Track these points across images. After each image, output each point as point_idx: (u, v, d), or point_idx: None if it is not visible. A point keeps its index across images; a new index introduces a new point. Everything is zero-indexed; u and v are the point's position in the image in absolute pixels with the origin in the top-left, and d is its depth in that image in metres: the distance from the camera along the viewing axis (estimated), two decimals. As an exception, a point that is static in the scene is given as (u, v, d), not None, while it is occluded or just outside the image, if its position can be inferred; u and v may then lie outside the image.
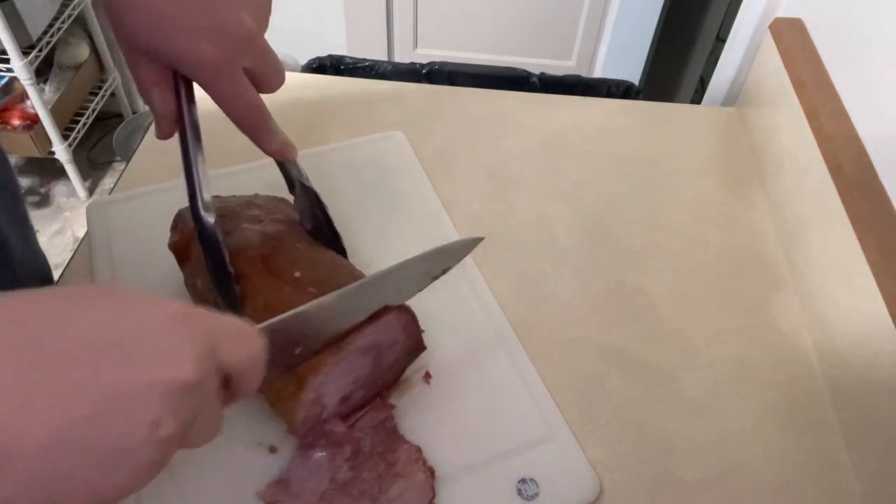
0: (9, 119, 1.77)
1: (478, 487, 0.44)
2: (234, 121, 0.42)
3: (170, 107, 0.42)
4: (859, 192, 0.52)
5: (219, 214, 0.49)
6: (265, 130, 0.44)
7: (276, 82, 0.44)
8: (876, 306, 0.46)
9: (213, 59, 0.39)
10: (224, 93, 0.41)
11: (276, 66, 0.43)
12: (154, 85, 0.41)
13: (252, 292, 0.44)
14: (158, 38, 0.39)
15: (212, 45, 0.39)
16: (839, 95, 0.59)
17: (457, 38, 1.87)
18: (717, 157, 0.71)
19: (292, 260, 0.46)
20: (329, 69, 1.00)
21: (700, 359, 0.54)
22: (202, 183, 0.42)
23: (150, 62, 0.40)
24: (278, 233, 0.48)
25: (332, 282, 0.44)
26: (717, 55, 0.84)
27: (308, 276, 0.44)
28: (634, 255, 0.61)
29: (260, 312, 0.44)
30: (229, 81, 0.40)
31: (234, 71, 0.40)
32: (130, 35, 0.39)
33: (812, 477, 0.47)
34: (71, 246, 1.82)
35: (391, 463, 0.44)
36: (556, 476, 0.45)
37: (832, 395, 0.51)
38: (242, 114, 0.42)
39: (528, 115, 0.75)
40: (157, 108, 0.42)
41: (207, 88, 0.40)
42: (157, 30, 0.38)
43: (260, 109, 0.43)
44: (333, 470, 0.43)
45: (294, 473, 0.43)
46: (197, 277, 0.48)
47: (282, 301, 0.43)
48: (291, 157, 0.47)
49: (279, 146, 0.45)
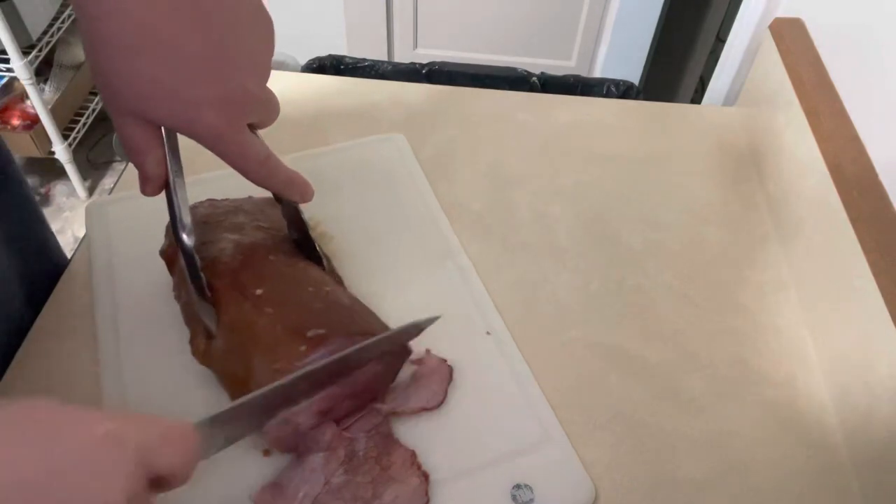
0: (9, 119, 1.78)
1: (472, 492, 0.44)
2: (244, 175, 0.41)
3: (163, 169, 0.40)
4: (859, 192, 0.52)
5: (203, 222, 0.49)
6: (277, 181, 0.43)
7: (272, 121, 0.42)
8: (876, 306, 0.46)
9: (219, 127, 0.38)
10: (230, 153, 0.39)
11: (275, 109, 0.42)
12: (148, 146, 0.39)
13: (221, 308, 0.44)
14: (160, 108, 0.37)
15: (217, 114, 0.37)
16: (839, 95, 0.59)
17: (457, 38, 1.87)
18: (717, 157, 0.71)
19: (258, 275, 0.45)
20: (329, 69, 1.00)
21: (700, 359, 0.54)
22: (182, 208, 0.42)
23: (142, 123, 0.38)
24: (253, 244, 0.47)
25: (295, 300, 0.44)
26: (717, 55, 0.84)
27: (269, 294, 0.44)
28: (634, 254, 0.61)
29: (226, 331, 0.43)
30: (235, 143, 0.39)
31: (240, 133, 0.39)
32: (126, 103, 0.37)
33: (812, 477, 0.47)
34: (71, 246, 1.82)
35: (385, 467, 0.43)
36: (552, 482, 0.45)
37: (832, 394, 0.51)
38: (252, 169, 0.41)
39: (528, 115, 0.75)
40: (150, 172, 0.40)
41: (212, 150, 0.39)
42: (158, 101, 0.36)
43: (268, 161, 0.42)
44: (327, 474, 0.42)
45: (288, 477, 0.43)
46: (181, 289, 0.48)
47: (242, 319, 0.43)
48: (309, 198, 0.45)
49: (295, 192, 0.44)
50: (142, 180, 0.41)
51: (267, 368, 0.41)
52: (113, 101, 0.37)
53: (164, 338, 0.51)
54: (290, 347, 0.41)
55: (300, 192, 0.45)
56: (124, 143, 0.39)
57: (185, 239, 0.42)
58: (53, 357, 0.51)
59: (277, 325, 0.42)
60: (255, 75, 0.39)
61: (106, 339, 0.51)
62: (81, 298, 0.55)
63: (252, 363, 0.42)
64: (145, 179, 0.40)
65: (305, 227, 0.49)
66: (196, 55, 0.36)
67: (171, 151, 0.40)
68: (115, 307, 0.53)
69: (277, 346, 0.41)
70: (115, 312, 0.53)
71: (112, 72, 0.36)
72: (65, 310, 0.54)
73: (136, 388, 0.48)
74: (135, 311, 0.53)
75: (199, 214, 0.50)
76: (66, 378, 0.50)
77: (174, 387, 0.48)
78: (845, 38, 0.61)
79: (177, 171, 0.41)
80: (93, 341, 0.52)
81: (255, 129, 0.42)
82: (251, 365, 0.42)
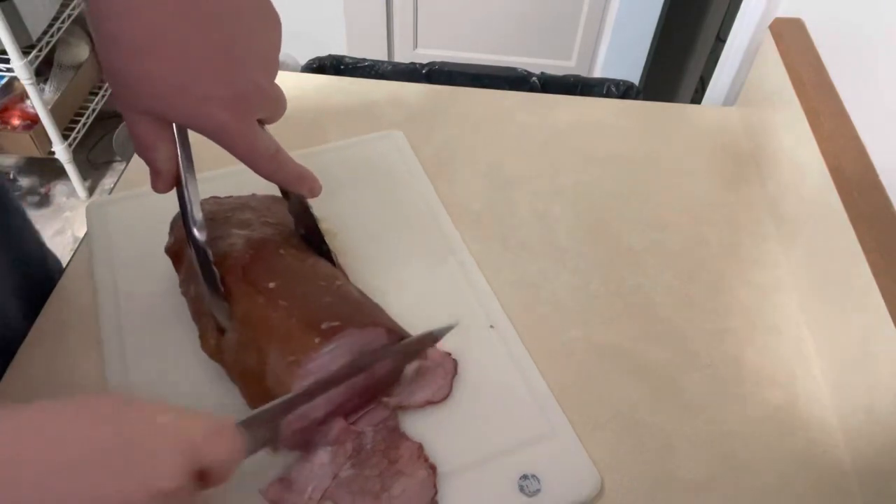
0: (9, 119, 1.77)
1: (480, 483, 0.45)
2: (253, 169, 0.42)
3: (174, 165, 0.40)
4: (859, 192, 0.52)
5: (210, 219, 0.49)
6: (286, 175, 0.44)
7: (280, 116, 0.43)
8: (876, 306, 0.46)
9: (229, 123, 0.38)
10: (240, 148, 0.40)
11: (283, 104, 0.42)
12: (159, 142, 0.39)
13: (233, 302, 0.44)
14: (171, 106, 0.37)
15: (229, 111, 0.38)
16: (839, 95, 0.59)
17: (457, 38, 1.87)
18: (717, 157, 0.71)
19: (270, 269, 0.45)
20: (329, 69, 1.00)
21: (700, 359, 0.54)
22: (193, 204, 0.42)
23: (153, 120, 0.39)
24: (263, 239, 0.48)
25: (307, 293, 0.45)
26: (717, 55, 0.84)
27: (282, 288, 0.44)
28: (634, 254, 0.61)
29: (240, 324, 0.44)
30: (245, 138, 0.40)
31: (249, 129, 0.40)
32: (136, 101, 0.37)
33: (812, 477, 0.47)
34: (71, 246, 1.82)
35: (393, 460, 0.44)
36: (558, 472, 0.45)
37: (832, 394, 0.51)
38: (261, 164, 0.41)
39: (528, 115, 0.75)
40: (161, 167, 0.40)
41: (222, 145, 0.39)
42: (168, 98, 0.37)
43: (277, 156, 0.42)
44: (336, 468, 0.43)
45: (297, 471, 0.43)
46: (190, 284, 0.48)
47: (256, 313, 0.43)
48: (317, 192, 0.46)
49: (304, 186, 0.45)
50: (153, 176, 0.41)
51: (282, 361, 0.41)
52: (124, 98, 0.38)
53: (169, 335, 0.51)
54: (304, 339, 0.41)
55: (309, 187, 0.45)
56: (135, 140, 0.39)
57: (197, 234, 0.43)
58: (54, 357, 0.51)
59: (291, 318, 0.42)
60: (263, 71, 0.40)
61: (110, 337, 0.51)
62: (82, 298, 0.55)
63: (267, 356, 0.42)
64: (156, 175, 0.41)
65: (314, 220, 0.49)
66: (204, 53, 0.36)
67: (182, 147, 0.40)
68: (119, 306, 0.53)
69: (292, 338, 0.42)
70: (119, 311, 0.53)
71: (123, 70, 0.36)
72: (65, 310, 0.54)
73: (143, 386, 0.49)
74: (138, 309, 0.53)
75: (205, 211, 0.50)
76: (67, 377, 0.50)
77: (182, 383, 0.49)
78: (845, 38, 0.61)
79: (188, 166, 0.41)
80: (94, 340, 0.52)
81: (263, 125, 0.42)
82: (266, 358, 0.42)
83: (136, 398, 0.32)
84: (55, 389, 0.49)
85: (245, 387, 0.44)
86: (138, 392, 0.48)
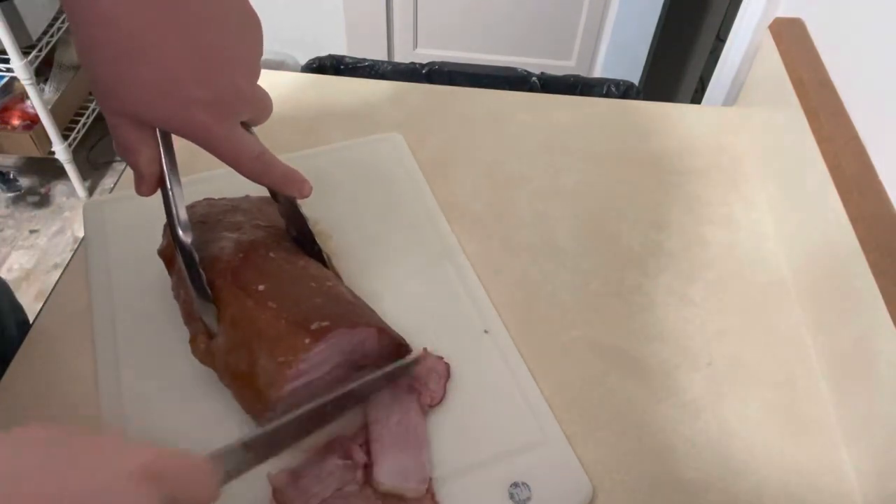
0: (9, 119, 1.78)
1: (470, 490, 0.44)
2: (239, 172, 0.42)
3: (156, 168, 0.40)
4: (859, 192, 0.52)
5: (200, 221, 0.49)
6: (272, 177, 0.43)
7: (265, 118, 0.43)
8: (876, 306, 0.46)
9: (211, 126, 0.38)
10: (223, 150, 0.40)
11: (267, 107, 0.42)
12: (141, 146, 0.39)
13: (222, 306, 0.44)
14: (153, 110, 0.38)
15: (209, 114, 0.38)
16: (839, 95, 0.59)
17: (457, 38, 1.87)
18: (717, 157, 0.71)
19: (260, 272, 0.45)
20: (329, 69, 1.00)
21: (700, 359, 0.54)
22: (178, 206, 0.42)
23: (135, 124, 0.39)
24: (253, 242, 0.47)
25: (297, 295, 0.44)
26: (717, 55, 0.84)
27: (272, 290, 0.44)
28: (634, 254, 0.61)
29: (229, 327, 0.44)
30: (227, 141, 0.40)
31: (232, 132, 0.40)
32: (118, 105, 0.38)
33: (812, 477, 0.47)
34: (71, 246, 1.82)
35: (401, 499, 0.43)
36: (549, 480, 0.45)
37: (832, 395, 0.51)
38: (245, 166, 0.41)
39: (528, 115, 0.75)
40: (144, 170, 0.40)
41: (205, 148, 0.40)
42: (150, 103, 0.37)
43: (262, 157, 0.42)
44: (342, 482, 0.43)
45: (307, 469, 0.43)
46: (181, 288, 0.48)
47: (245, 315, 0.43)
48: (307, 193, 0.45)
49: (292, 187, 0.44)
50: (136, 180, 0.41)
51: (272, 362, 0.41)
52: (106, 102, 0.38)
53: (162, 338, 0.51)
54: (294, 340, 0.41)
55: (297, 188, 0.45)
56: (118, 144, 0.40)
57: (183, 237, 0.43)
58: (52, 357, 0.51)
59: (281, 320, 0.42)
60: (244, 74, 0.40)
61: (103, 339, 0.51)
62: (80, 299, 0.55)
63: (257, 358, 0.42)
64: (140, 178, 0.41)
65: (304, 222, 0.49)
66: (184, 58, 0.37)
67: (166, 150, 0.40)
68: (113, 307, 0.53)
69: (281, 339, 0.42)
70: (113, 313, 0.53)
71: (104, 75, 0.37)
72: (64, 310, 0.54)
73: (134, 388, 0.48)
74: (133, 311, 0.53)
75: (197, 213, 0.50)
76: (65, 378, 0.50)
77: (173, 387, 0.48)
78: (845, 38, 0.61)
79: (172, 169, 0.41)
80: (91, 342, 0.52)
81: (249, 127, 0.42)
82: (256, 360, 0.42)
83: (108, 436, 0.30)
84: (53, 389, 0.49)
85: (237, 389, 0.44)
86: (128, 393, 0.48)
